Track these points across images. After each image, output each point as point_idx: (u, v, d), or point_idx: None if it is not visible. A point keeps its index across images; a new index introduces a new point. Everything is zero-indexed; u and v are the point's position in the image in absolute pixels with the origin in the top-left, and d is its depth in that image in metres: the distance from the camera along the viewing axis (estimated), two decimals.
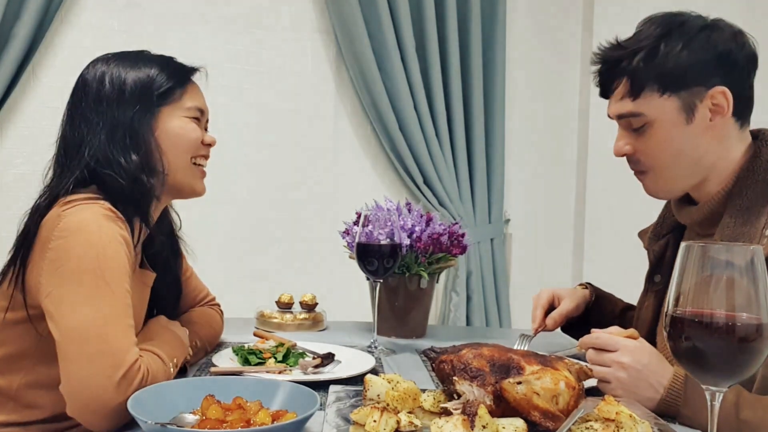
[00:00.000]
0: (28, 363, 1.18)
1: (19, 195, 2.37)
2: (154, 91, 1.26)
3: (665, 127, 1.22)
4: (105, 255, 1.09)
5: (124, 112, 1.23)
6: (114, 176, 1.20)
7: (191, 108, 1.30)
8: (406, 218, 1.60)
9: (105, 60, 1.30)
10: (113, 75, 1.26)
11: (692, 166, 1.24)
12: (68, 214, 1.11)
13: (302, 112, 2.78)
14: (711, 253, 0.74)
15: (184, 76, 1.32)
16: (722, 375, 0.75)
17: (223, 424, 0.92)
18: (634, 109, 1.24)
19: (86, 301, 1.05)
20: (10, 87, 2.30)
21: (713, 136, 1.23)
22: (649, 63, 1.21)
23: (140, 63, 1.29)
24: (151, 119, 1.25)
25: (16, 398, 1.19)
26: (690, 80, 1.20)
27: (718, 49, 1.20)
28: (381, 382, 1.01)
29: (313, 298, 1.74)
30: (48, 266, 1.09)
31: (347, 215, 1.69)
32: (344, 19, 2.71)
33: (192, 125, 1.30)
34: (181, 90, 1.29)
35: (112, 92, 1.24)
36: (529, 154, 3.21)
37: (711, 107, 1.21)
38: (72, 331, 1.04)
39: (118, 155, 1.21)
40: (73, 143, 1.24)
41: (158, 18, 2.56)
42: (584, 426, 0.90)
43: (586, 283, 1.62)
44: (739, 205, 1.20)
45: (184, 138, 1.28)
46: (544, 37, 3.21)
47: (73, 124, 1.26)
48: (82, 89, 1.28)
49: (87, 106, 1.25)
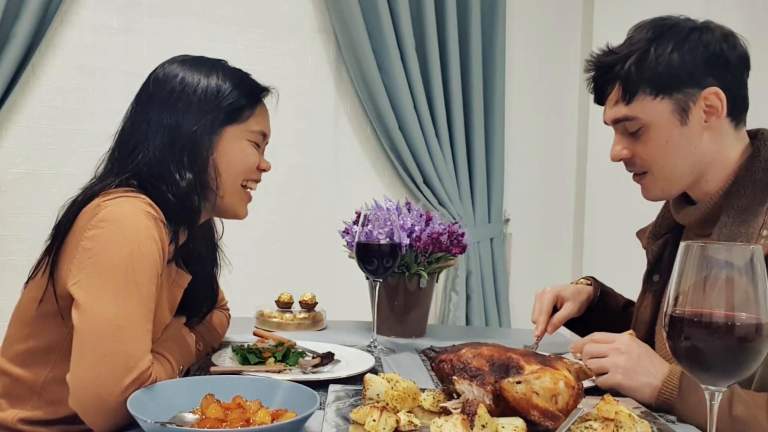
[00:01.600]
0: (56, 357, 1.17)
1: (18, 194, 2.37)
2: (224, 107, 1.22)
3: (661, 130, 1.23)
4: (139, 252, 1.07)
5: (188, 121, 1.19)
6: (164, 191, 1.17)
7: (256, 131, 1.27)
8: (405, 218, 1.60)
9: (181, 62, 1.26)
10: (186, 80, 1.22)
11: (690, 166, 1.24)
12: (108, 205, 1.10)
13: (302, 112, 2.78)
14: (710, 253, 0.74)
15: (255, 96, 1.28)
16: (721, 374, 0.75)
17: (222, 424, 0.92)
18: (629, 113, 1.24)
19: (112, 296, 1.04)
20: (10, 86, 2.29)
21: (709, 136, 1.23)
22: (640, 67, 1.21)
23: (214, 73, 1.25)
24: (214, 137, 1.22)
25: (41, 393, 1.18)
26: (682, 82, 1.20)
27: (709, 50, 1.20)
28: (380, 382, 1.01)
29: (313, 297, 1.74)
30: (81, 254, 1.08)
31: (347, 215, 1.69)
32: (344, 19, 2.71)
33: (252, 150, 1.27)
34: (250, 111, 1.26)
35: (182, 97, 1.21)
36: (529, 154, 3.21)
37: (705, 108, 1.21)
38: (92, 324, 1.03)
39: (173, 169, 1.18)
40: (129, 142, 1.21)
41: (158, 17, 2.57)
42: (584, 425, 0.91)
43: (590, 278, 1.60)
44: (736, 204, 1.20)
45: (243, 162, 1.25)
46: (543, 37, 3.21)
47: (134, 121, 1.23)
48: (151, 88, 1.24)
49: (153, 105, 1.21)
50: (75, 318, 1.05)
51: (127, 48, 2.52)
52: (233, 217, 1.31)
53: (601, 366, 1.16)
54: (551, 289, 1.51)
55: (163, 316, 1.21)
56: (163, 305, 1.20)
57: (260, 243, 2.72)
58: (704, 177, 1.26)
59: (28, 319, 1.19)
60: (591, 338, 1.22)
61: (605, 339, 1.19)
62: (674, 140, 1.22)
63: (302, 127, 2.78)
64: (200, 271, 1.32)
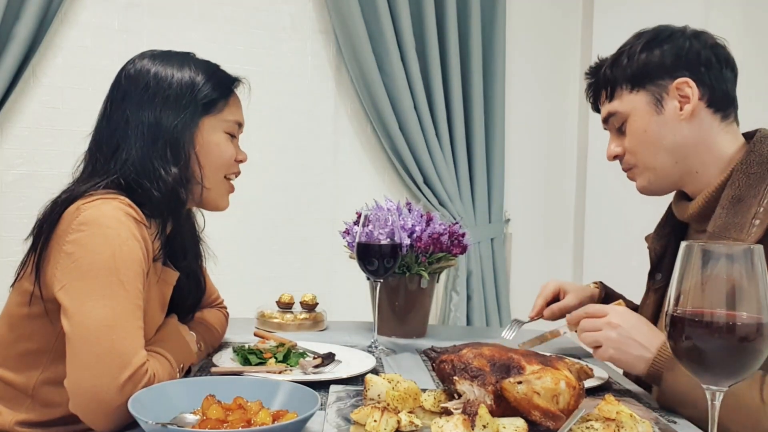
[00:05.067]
0: (46, 360, 1.18)
1: (19, 195, 2.37)
2: (199, 99, 1.23)
3: (638, 120, 1.31)
4: (121, 252, 1.07)
5: (167, 117, 1.20)
6: (150, 187, 1.17)
7: (231, 121, 1.28)
8: (406, 218, 1.60)
9: (151, 57, 1.26)
10: (159, 75, 1.22)
11: (671, 155, 1.29)
12: (87, 208, 1.10)
13: (302, 113, 2.78)
14: (711, 253, 0.74)
15: (228, 87, 1.29)
16: (722, 374, 0.75)
17: (223, 424, 0.92)
18: (611, 109, 1.34)
19: (99, 298, 1.05)
20: (11, 87, 2.29)
21: (688, 126, 1.28)
22: (616, 67, 1.33)
23: (186, 66, 1.25)
24: (194, 129, 1.23)
25: (33, 396, 1.19)
26: (653, 74, 1.29)
27: (677, 45, 1.28)
28: (381, 382, 1.01)
29: (314, 298, 1.74)
30: (64, 259, 1.08)
31: (347, 215, 1.69)
32: (344, 19, 2.72)
33: (227, 143, 1.28)
34: (224, 101, 1.27)
35: (158, 92, 1.21)
36: (529, 154, 3.21)
37: (678, 98, 1.27)
38: (82, 328, 1.03)
39: (158, 165, 1.19)
40: (110, 143, 1.21)
41: (158, 18, 2.57)
42: (585, 425, 0.90)
43: (599, 282, 1.64)
44: (731, 196, 1.23)
45: (221, 155, 1.27)
46: (543, 37, 3.21)
47: (111, 119, 1.22)
48: (124, 85, 1.23)
49: (128, 102, 1.21)
50: (65, 324, 1.05)
51: (128, 49, 2.51)
52: (215, 208, 1.33)
53: (595, 340, 1.21)
54: (555, 280, 1.60)
55: (155, 316, 1.21)
56: (154, 305, 1.20)
57: (261, 243, 2.72)
58: (696, 171, 1.29)
59: (16, 323, 1.19)
60: (585, 311, 1.27)
61: (599, 311, 1.24)
62: (652, 129, 1.30)
63: (302, 128, 2.77)
64: (185, 265, 1.32)
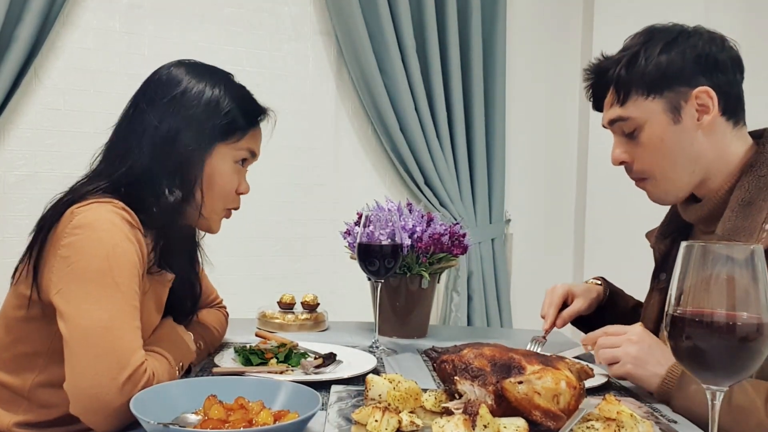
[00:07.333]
0: (42, 362, 1.18)
1: (21, 197, 2.37)
2: (218, 122, 1.22)
3: (655, 129, 1.25)
4: (115, 254, 1.08)
5: (186, 134, 1.19)
6: (151, 204, 1.17)
7: (244, 149, 1.27)
8: (407, 218, 1.60)
9: (187, 67, 1.25)
10: (188, 89, 1.22)
11: (689, 166, 1.26)
12: (81, 212, 1.11)
13: (303, 113, 2.78)
14: (711, 253, 0.74)
15: (253, 119, 1.29)
16: (723, 374, 0.75)
17: (225, 424, 0.92)
18: (622, 114, 1.27)
19: (94, 301, 1.05)
20: (13, 88, 2.30)
21: (705, 135, 1.24)
22: (631, 69, 1.25)
23: (218, 87, 1.24)
24: (206, 153, 1.22)
25: (29, 398, 1.19)
26: (672, 81, 1.23)
27: (697, 50, 1.23)
28: (382, 382, 1.01)
29: (315, 298, 1.74)
30: (59, 263, 1.09)
31: (348, 216, 1.70)
32: (345, 20, 2.72)
33: (233, 175, 1.27)
34: (243, 132, 1.26)
35: (182, 106, 1.20)
36: (529, 154, 3.21)
37: (697, 107, 1.23)
38: (79, 330, 1.04)
39: (163, 183, 1.18)
40: (124, 145, 1.21)
41: (160, 19, 2.57)
42: (585, 425, 0.91)
43: (600, 278, 1.61)
44: (740, 199, 1.21)
45: (224, 186, 1.26)
46: (544, 37, 3.21)
47: (130, 122, 1.22)
48: (152, 90, 1.23)
49: (152, 108, 1.20)
50: (62, 327, 1.06)
51: (129, 50, 2.53)
52: (206, 231, 1.34)
53: (613, 356, 1.19)
54: (562, 285, 1.54)
55: (151, 318, 1.22)
56: (150, 307, 1.21)
57: (262, 244, 2.73)
58: (707, 176, 1.27)
59: (12, 325, 1.20)
60: (604, 331, 1.24)
61: (618, 331, 1.22)
62: (669, 139, 1.24)
63: (303, 129, 2.78)
64: (181, 268, 1.32)
